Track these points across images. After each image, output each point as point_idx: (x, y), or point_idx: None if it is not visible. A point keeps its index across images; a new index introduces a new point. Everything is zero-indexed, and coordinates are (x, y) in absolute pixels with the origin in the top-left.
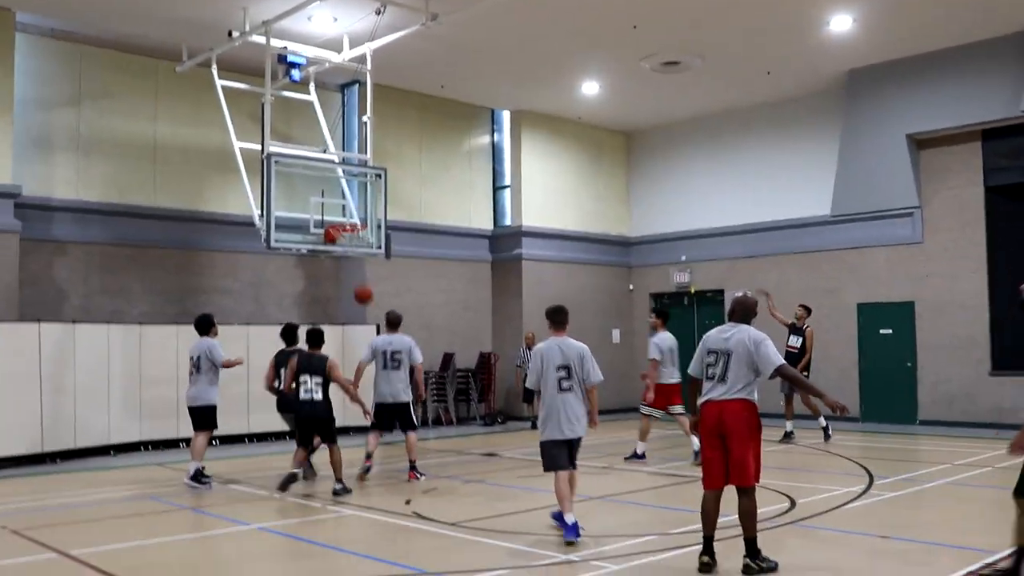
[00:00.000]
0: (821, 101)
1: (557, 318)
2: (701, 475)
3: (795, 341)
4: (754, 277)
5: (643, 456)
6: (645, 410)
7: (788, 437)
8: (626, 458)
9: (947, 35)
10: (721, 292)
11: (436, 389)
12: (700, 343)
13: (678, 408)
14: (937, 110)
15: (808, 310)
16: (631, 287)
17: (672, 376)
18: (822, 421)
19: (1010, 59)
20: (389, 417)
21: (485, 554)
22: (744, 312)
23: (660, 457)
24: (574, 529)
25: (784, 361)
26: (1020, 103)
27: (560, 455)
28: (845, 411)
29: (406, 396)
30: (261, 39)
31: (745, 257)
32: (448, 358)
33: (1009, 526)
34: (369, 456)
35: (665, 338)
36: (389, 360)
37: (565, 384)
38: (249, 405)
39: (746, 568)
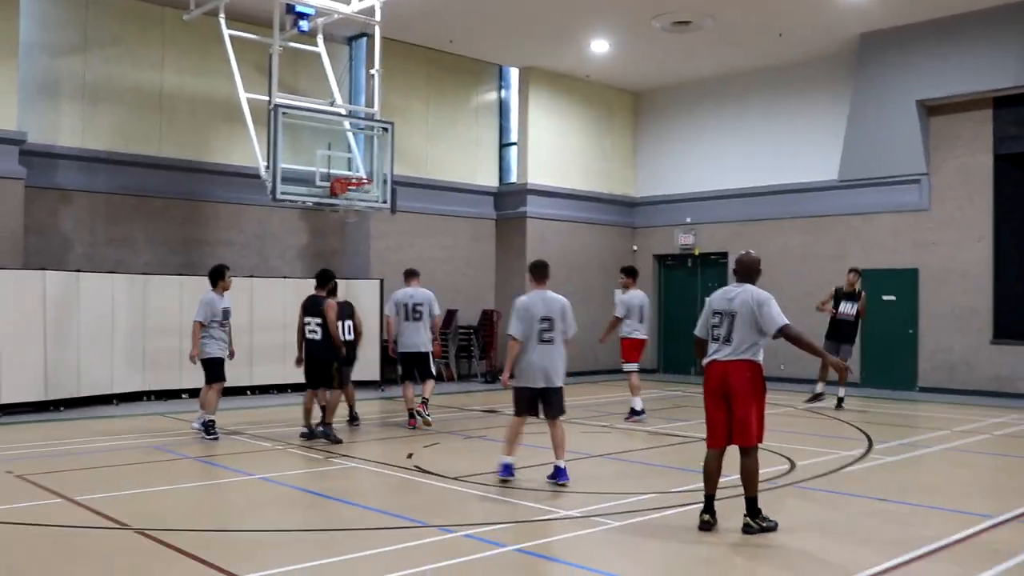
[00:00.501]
0: (831, 65)
1: (540, 272)
2: (704, 435)
3: (850, 308)
4: (759, 240)
5: (642, 412)
6: (627, 367)
7: (817, 398)
8: (626, 418)
9: (960, 1)
10: (725, 255)
11: (442, 348)
12: (705, 304)
13: (633, 366)
14: (948, 77)
15: (859, 273)
16: (635, 248)
17: (638, 332)
18: (840, 391)
19: (1022, 27)
20: (412, 366)
21: (486, 508)
22: (748, 271)
23: (661, 417)
24: (506, 469)
25: (787, 321)
26: None
27: (530, 403)
28: (847, 372)
29: (426, 347)
30: None
31: (750, 220)
32: (451, 315)
33: (1004, 492)
34: (412, 407)
35: (635, 295)
36: (411, 312)
37: (547, 336)
38: (252, 357)
39: (746, 527)
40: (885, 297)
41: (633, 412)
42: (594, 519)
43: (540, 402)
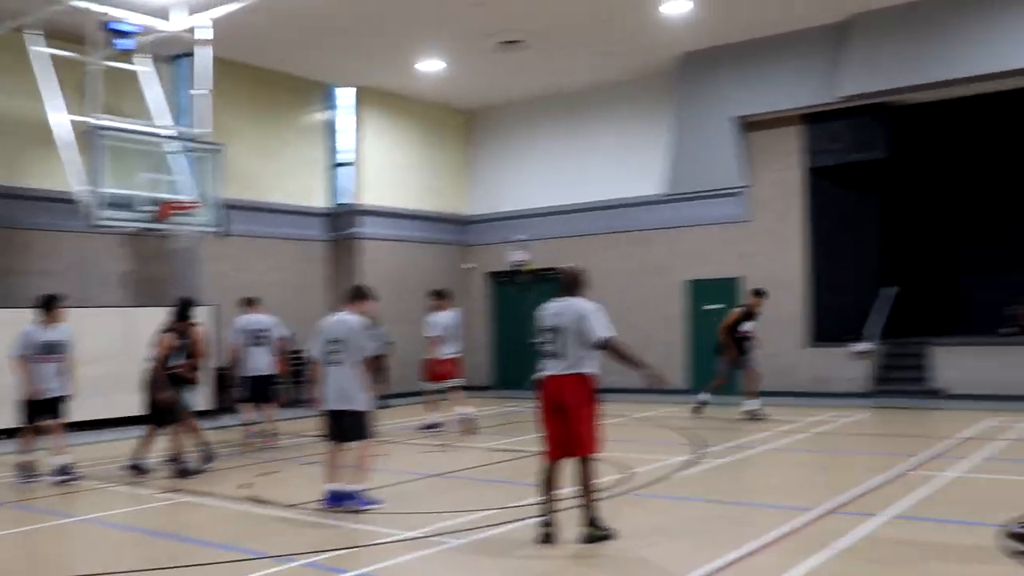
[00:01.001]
0: (656, 83)
1: (349, 295)
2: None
3: (750, 327)
4: (591, 255)
5: (440, 425)
6: (429, 386)
7: (753, 415)
8: (419, 428)
9: (775, 23)
10: (557, 270)
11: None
12: (537, 320)
13: (454, 382)
14: (762, 94)
15: (761, 295)
16: (468, 265)
17: (451, 351)
18: (748, 404)
19: (830, 48)
20: (255, 388)
21: (324, 535)
22: (571, 284)
23: (498, 433)
24: (333, 497)
25: (611, 334)
26: (837, 89)
27: (329, 426)
28: (664, 383)
29: (270, 370)
30: (84, 3)
31: (582, 235)
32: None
33: (824, 485)
34: (253, 427)
35: (449, 316)
36: (255, 338)
37: (334, 357)
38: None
39: (584, 536)
40: (711, 306)
41: (429, 425)
42: (434, 539)
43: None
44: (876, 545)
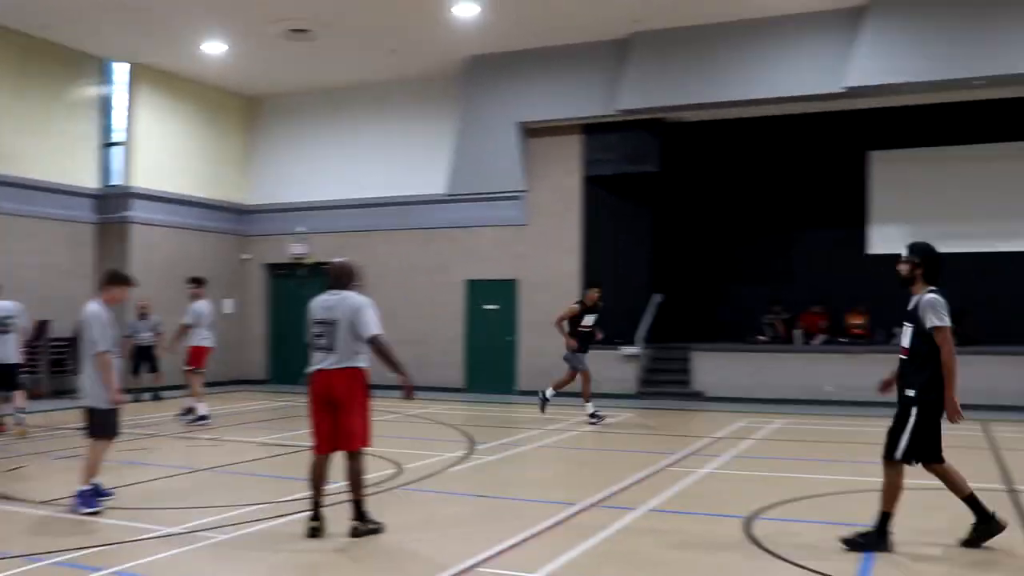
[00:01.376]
0: (444, 83)
1: (101, 280)
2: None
3: (591, 321)
4: (370, 251)
5: (208, 418)
6: (195, 372)
7: (593, 418)
8: (189, 421)
9: (561, 33)
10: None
11: (28, 360)
12: (309, 313)
13: (200, 372)
14: (545, 102)
15: (596, 286)
16: (246, 256)
17: (207, 340)
18: (589, 407)
19: (611, 62)
20: (2, 378)
21: (79, 532)
22: (342, 277)
23: (270, 428)
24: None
25: (379, 332)
26: (615, 103)
27: (85, 422)
28: (411, 397)
29: (16, 359)
30: None
31: (363, 231)
32: (42, 326)
33: (588, 481)
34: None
35: (204, 305)
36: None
37: (84, 350)
38: None
39: (353, 530)
40: (488, 306)
41: (198, 417)
42: (198, 534)
43: None
44: (632, 536)
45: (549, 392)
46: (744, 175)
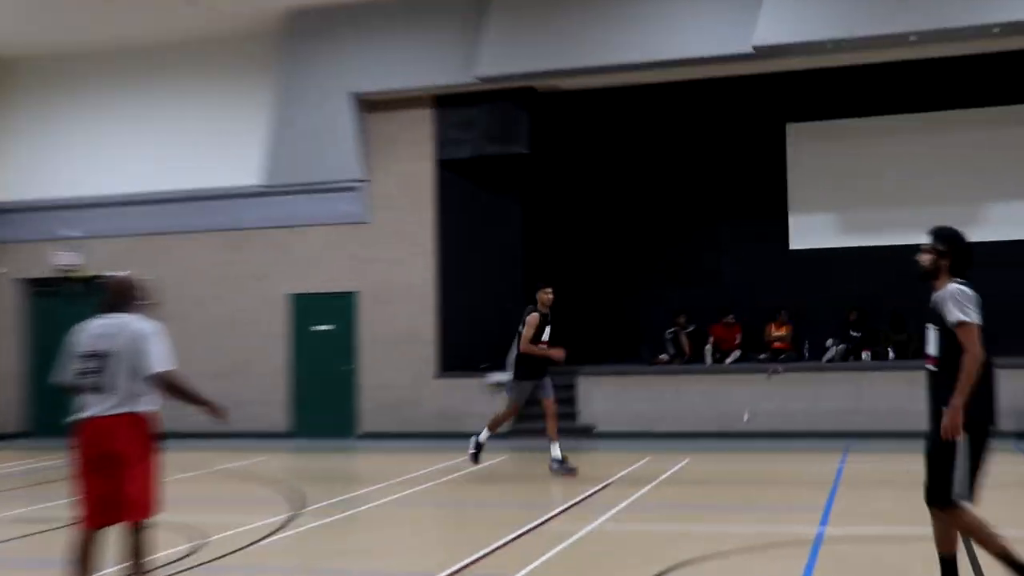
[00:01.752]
0: (258, 46)
1: None
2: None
3: (547, 332)
4: (164, 257)
5: None
6: None
7: (561, 464)
8: None
9: None
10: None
11: None
12: (70, 345)
13: None
14: (386, 68)
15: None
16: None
17: None
18: (555, 449)
19: (470, 20)
20: None
21: None
22: (121, 296)
23: (26, 498)
24: None
25: (168, 367)
26: (473, 69)
27: None
28: (225, 419)
29: None
30: None
31: (155, 234)
32: None
33: (450, 543)
34: None
35: None
36: None
37: None
38: None
39: None
40: (319, 327)
41: None
42: None
43: None
44: None
45: (483, 435)
46: (637, 157)
